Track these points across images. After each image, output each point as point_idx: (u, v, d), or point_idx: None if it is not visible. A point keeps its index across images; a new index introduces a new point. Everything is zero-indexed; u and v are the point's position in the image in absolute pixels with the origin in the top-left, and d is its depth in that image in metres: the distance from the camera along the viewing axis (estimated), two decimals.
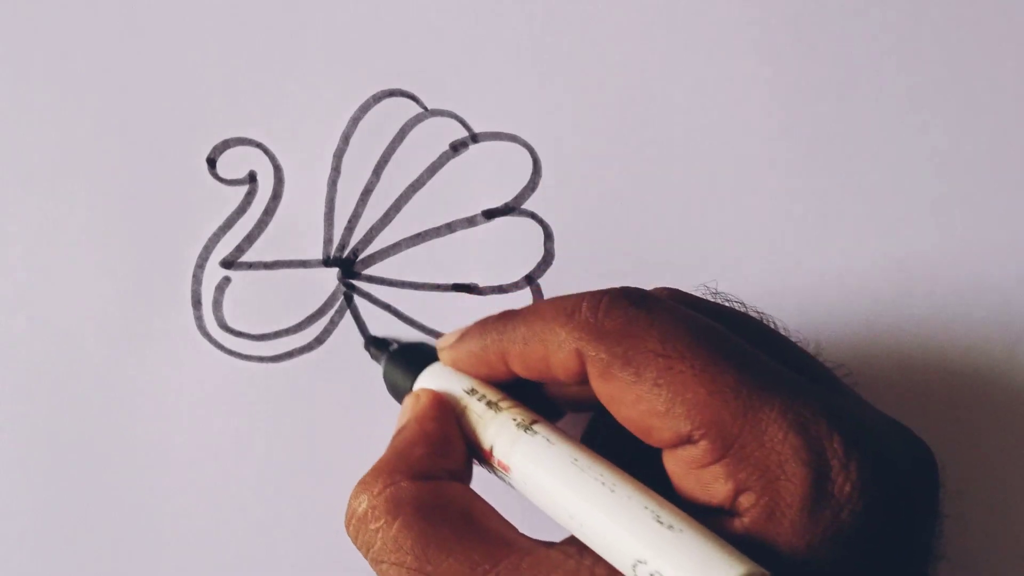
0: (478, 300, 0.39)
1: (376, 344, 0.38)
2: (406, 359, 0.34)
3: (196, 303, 0.39)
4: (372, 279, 0.39)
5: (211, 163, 0.39)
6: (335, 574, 0.38)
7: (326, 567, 0.38)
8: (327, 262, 0.39)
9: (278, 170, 0.39)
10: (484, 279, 0.39)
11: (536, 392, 0.30)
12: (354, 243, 0.39)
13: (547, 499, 0.27)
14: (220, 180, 0.39)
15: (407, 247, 0.39)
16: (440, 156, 0.39)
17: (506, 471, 0.28)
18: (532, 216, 0.39)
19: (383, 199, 0.39)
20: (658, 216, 0.39)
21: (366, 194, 0.39)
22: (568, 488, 0.26)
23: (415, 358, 0.33)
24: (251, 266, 0.39)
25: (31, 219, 0.39)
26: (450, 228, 0.39)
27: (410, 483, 0.27)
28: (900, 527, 0.25)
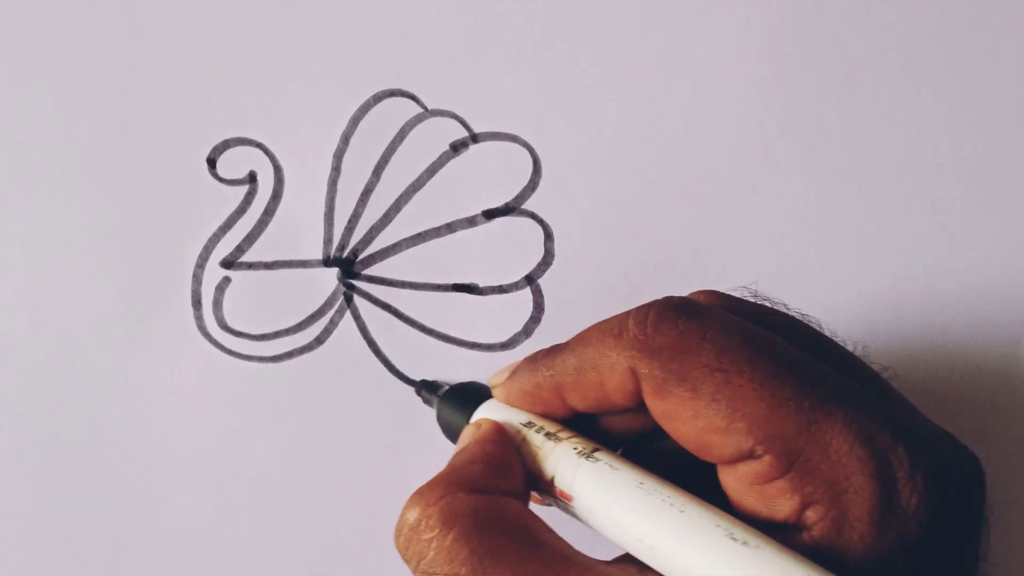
0: (478, 300, 0.39)
1: (428, 388, 0.38)
2: (460, 399, 0.33)
3: (196, 303, 0.39)
4: (372, 279, 0.39)
5: (211, 163, 0.39)
6: (335, 574, 0.38)
7: (326, 567, 0.38)
8: (327, 262, 0.39)
9: (278, 170, 0.39)
10: (484, 279, 0.39)
11: (589, 427, 0.30)
12: (354, 243, 0.39)
13: (614, 525, 0.26)
14: (220, 180, 0.39)
15: (407, 247, 0.39)
16: (440, 156, 0.39)
17: (568, 500, 0.28)
18: (532, 216, 0.39)
19: (383, 199, 0.39)
20: (658, 216, 0.39)
21: (366, 194, 0.39)
22: (636, 512, 0.25)
23: (468, 397, 0.32)
24: (251, 266, 0.39)
25: (31, 219, 0.39)
26: (450, 228, 0.39)
27: (467, 495, 0.26)
28: (957, 535, 0.24)
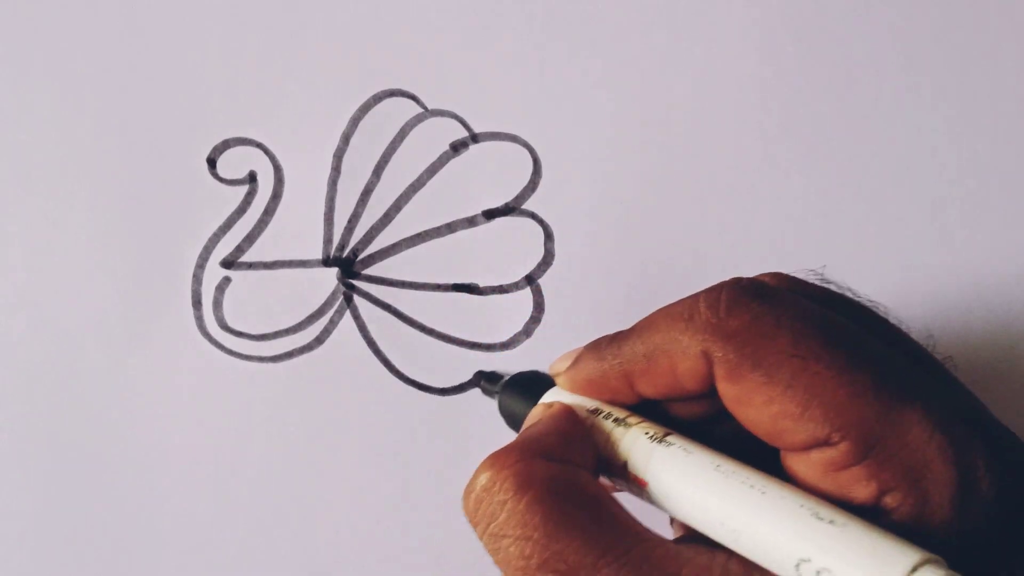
0: (478, 300, 0.39)
1: (489, 378, 0.37)
2: (523, 387, 0.32)
3: (196, 303, 0.39)
4: (372, 279, 0.39)
5: (211, 163, 0.39)
6: (335, 574, 0.38)
7: (326, 567, 0.38)
8: (327, 262, 0.39)
9: (278, 170, 0.39)
10: (484, 279, 0.39)
11: (651, 412, 0.29)
12: (354, 243, 0.39)
13: (693, 508, 0.26)
14: (220, 180, 0.39)
15: (407, 247, 0.39)
16: (440, 156, 0.39)
17: (643, 486, 0.27)
18: (532, 216, 0.39)
19: (383, 199, 0.39)
20: (658, 216, 0.39)
21: (366, 194, 0.39)
22: (716, 495, 0.25)
23: (532, 386, 0.32)
24: (251, 266, 0.39)
25: (31, 219, 0.39)
26: (450, 228, 0.39)
27: (543, 462, 0.26)
28: (1019, 525, 0.25)
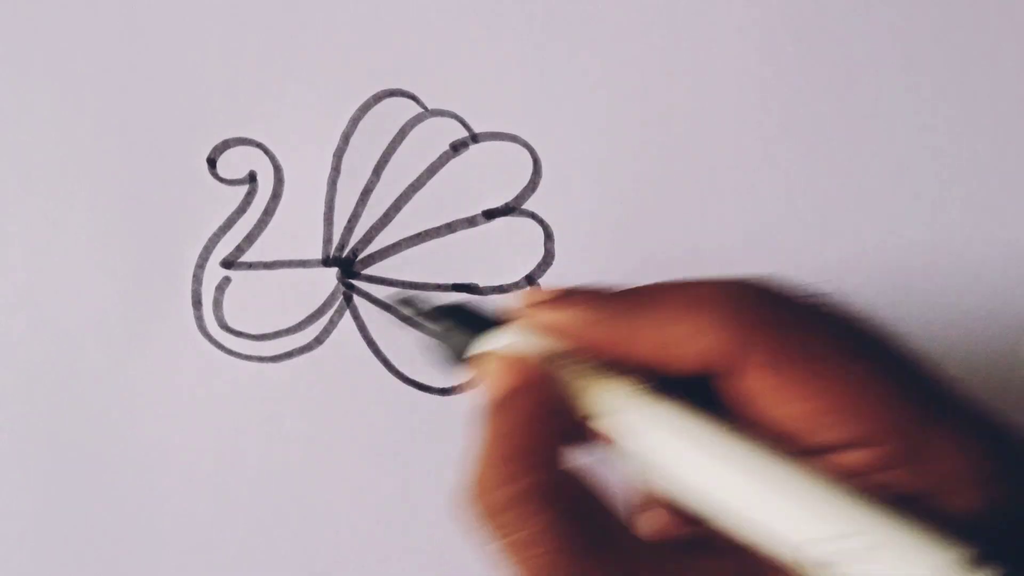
0: (478, 300, 0.39)
1: (408, 303, 0.31)
2: (461, 324, 0.28)
3: (196, 303, 0.39)
4: (372, 279, 0.39)
5: (211, 163, 0.39)
6: (335, 574, 0.38)
7: (326, 567, 0.38)
8: (327, 262, 0.39)
9: (278, 170, 0.39)
10: (484, 279, 0.39)
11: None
12: (354, 243, 0.39)
13: (678, 474, 0.24)
14: (220, 180, 0.39)
15: (407, 247, 0.39)
16: (440, 156, 0.39)
17: (615, 442, 0.25)
18: (532, 216, 0.39)
19: (383, 199, 0.39)
20: (658, 216, 0.39)
21: (366, 194, 0.39)
22: (716, 460, 0.24)
23: (470, 324, 0.28)
24: (251, 266, 0.39)
25: (31, 219, 0.39)
26: (450, 228, 0.39)
27: (549, 471, 0.25)
28: None
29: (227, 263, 0.39)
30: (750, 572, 0.25)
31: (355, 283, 0.39)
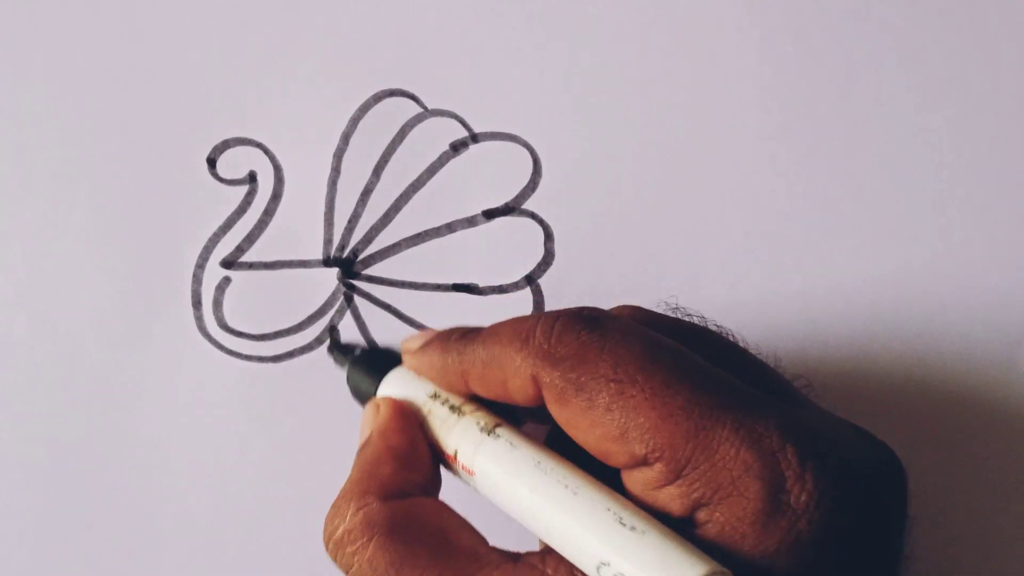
0: (478, 300, 0.39)
1: (340, 349, 0.37)
2: (369, 364, 0.33)
3: (196, 303, 0.39)
4: (372, 279, 0.39)
5: (211, 163, 0.39)
6: (335, 573, 0.38)
7: (326, 567, 0.38)
8: (327, 262, 0.39)
9: (278, 170, 0.39)
10: (484, 279, 0.39)
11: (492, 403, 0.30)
12: (354, 243, 0.39)
13: (512, 502, 0.27)
14: (220, 180, 0.39)
15: (407, 247, 0.39)
16: (440, 156, 0.39)
17: (471, 475, 0.28)
18: (532, 216, 0.39)
19: (383, 199, 0.39)
20: (658, 216, 0.39)
21: (366, 194, 0.39)
22: (532, 491, 0.26)
23: (378, 363, 0.33)
24: (251, 266, 0.39)
25: (31, 219, 0.39)
26: (450, 228, 0.39)
27: (381, 504, 0.28)
28: (866, 531, 0.25)
29: (227, 263, 0.39)
30: None
31: (355, 283, 0.39)
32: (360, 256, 0.39)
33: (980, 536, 0.37)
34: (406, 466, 0.29)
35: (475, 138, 0.39)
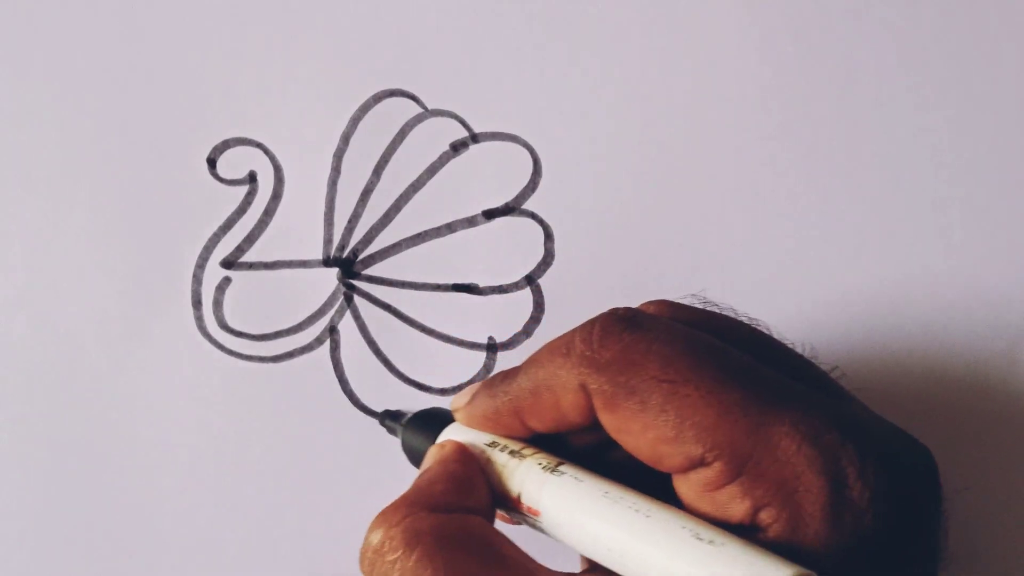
0: (478, 300, 0.39)
1: (392, 417, 0.37)
2: (423, 425, 0.33)
3: (196, 303, 0.39)
4: (372, 279, 0.39)
5: (211, 163, 0.39)
6: (334, 573, 0.38)
7: (326, 567, 0.38)
8: (327, 262, 0.39)
9: (278, 170, 0.39)
10: (484, 279, 0.39)
11: (549, 442, 0.30)
12: (354, 243, 0.39)
13: (582, 536, 0.26)
14: (220, 180, 0.39)
15: (407, 247, 0.39)
16: (440, 156, 0.39)
17: (536, 515, 0.28)
18: (532, 216, 0.39)
19: (383, 199, 0.39)
20: (658, 216, 0.39)
21: (366, 194, 0.39)
22: (604, 521, 0.26)
23: (432, 422, 0.33)
24: (251, 266, 0.39)
25: (31, 219, 0.39)
26: (450, 228, 0.39)
27: (429, 514, 0.27)
28: (911, 528, 0.25)
29: (227, 263, 0.39)
30: None
31: (355, 283, 0.39)
32: (360, 256, 0.39)
33: (981, 534, 0.37)
34: (462, 490, 0.28)
35: (475, 138, 0.39)
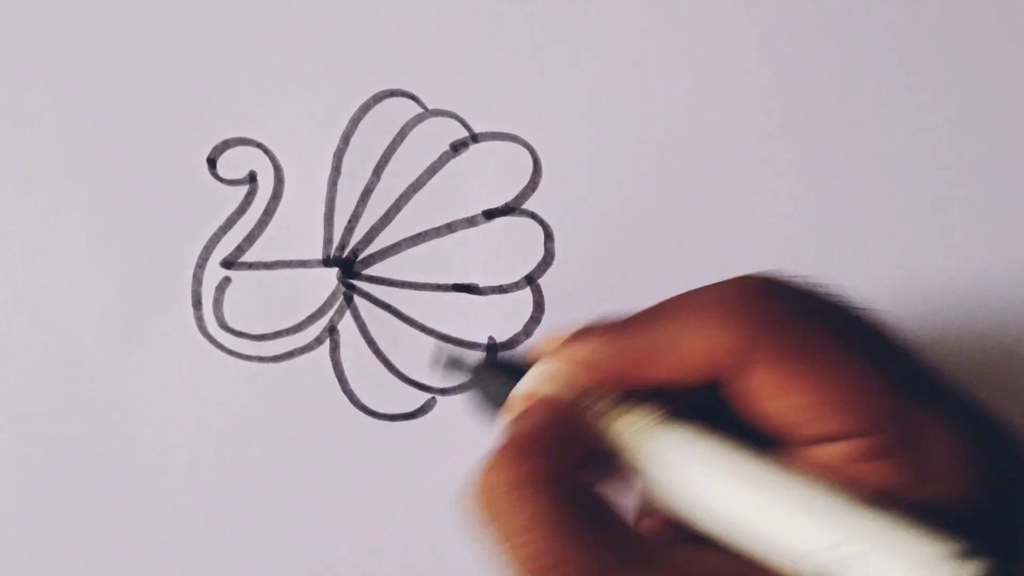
0: (478, 300, 0.39)
1: (454, 364, 0.33)
2: (499, 370, 0.30)
3: (196, 303, 0.39)
4: (372, 279, 0.39)
5: (211, 163, 0.39)
6: (334, 573, 0.38)
7: (326, 567, 0.38)
8: (327, 262, 0.39)
9: (278, 170, 0.39)
10: (484, 279, 0.39)
11: (644, 398, 0.28)
12: (354, 243, 0.39)
13: (695, 495, 0.25)
14: (220, 180, 0.39)
15: (407, 247, 0.39)
16: (440, 156, 0.39)
17: (635, 476, 0.26)
18: (532, 216, 0.39)
19: (383, 199, 0.39)
20: (658, 216, 0.39)
21: (366, 194, 0.39)
22: (724, 482, 0.25)
23: (507, 369, 0.30)
24: (251, 266, 0.39)
25: (31, 219, 0.39)
26: (450, 228, 0.39)
27: (546, 461, 0.25)
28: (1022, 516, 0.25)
29: (227, 263, 0.39)
30: (747, 571, 0.25)
31: (355, 283, 0.39)
32: (360, 256, 0.39)
33: None
34: (562, 442, 0.26)
35: (475, 138, 0.39)
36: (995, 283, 0.38)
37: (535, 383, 0.28)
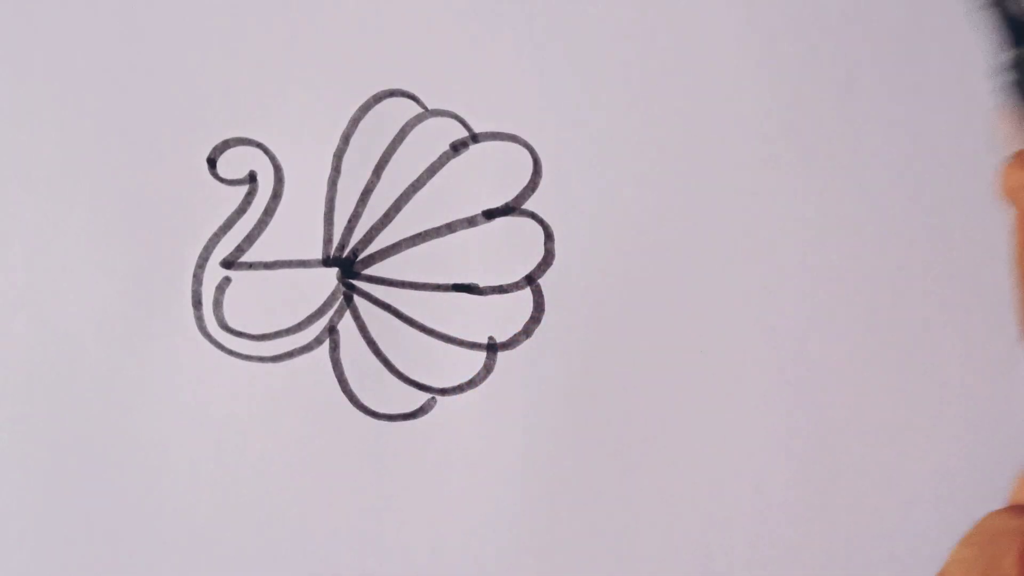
0: (478, 300, 0.39)
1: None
2: None
3: (196, 303, 0.39)
4: (372, 279, 0.39)
5: (211, 163, 0.39)
6: (335, 573, 0.38)
7: (326, 566, 0.38)
8: (327, 262, 0.39)
9: (278, 170, 0.39)
10: (484, 279, 0.39)
11: None
12: (354, 243, 0.39)
13: None
14: (220, 180, 0.39)
15: (407, 247, 0.39)
16: (440, 156, 0.39)
17: None
18: (532, 216, 0.39)
19: (383, 199, 0.39)
20: (658, 216, 0.39)
21: (366, 194, 0.39)
22: None
23: None
24: (251, 266, 0.39)
25: (31, 219, 0.39)
26: (450, 228, 0.39)
27: None
28: None
29: (227, 263, 0.39)
30: None
31: (355, 283, 0.39)
32: (360, 256, 0.39)
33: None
34: None
35: (475, 138, 0.39)
36: (995, 283, 0.38)
37: None
